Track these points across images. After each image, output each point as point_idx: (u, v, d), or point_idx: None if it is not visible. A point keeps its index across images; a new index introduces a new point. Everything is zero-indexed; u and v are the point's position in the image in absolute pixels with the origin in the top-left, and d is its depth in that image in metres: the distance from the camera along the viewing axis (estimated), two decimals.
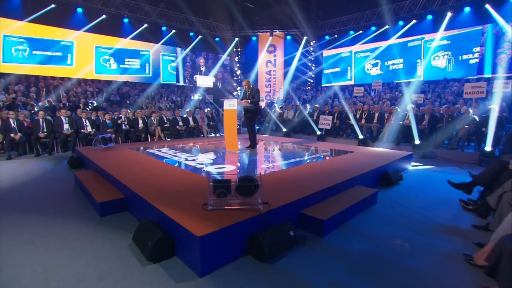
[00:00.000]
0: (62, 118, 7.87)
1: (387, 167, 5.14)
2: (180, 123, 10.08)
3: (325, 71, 18.41)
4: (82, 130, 8.02)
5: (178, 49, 17.19)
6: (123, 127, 8.83)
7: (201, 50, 18.09)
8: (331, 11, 17.62)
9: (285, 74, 18.64)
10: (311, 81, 18.75)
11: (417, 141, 7.53)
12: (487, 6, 12.55)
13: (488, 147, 6.52)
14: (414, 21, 14.68)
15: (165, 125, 9.80)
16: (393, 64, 15.51)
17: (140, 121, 9.19)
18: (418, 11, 14.41)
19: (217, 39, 18.47)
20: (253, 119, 6.41)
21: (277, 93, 18.66)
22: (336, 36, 17.63)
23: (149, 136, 9.39)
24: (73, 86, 13.04)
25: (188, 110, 11.13)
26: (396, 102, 11.75)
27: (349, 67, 17.02)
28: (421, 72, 14.64)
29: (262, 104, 15.22)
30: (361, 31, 16.60)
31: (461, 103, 10.20)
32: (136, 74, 15.94)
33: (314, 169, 4.61)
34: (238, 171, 4.55)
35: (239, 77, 19.28)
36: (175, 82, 17.26)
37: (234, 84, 19.18)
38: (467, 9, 13.24)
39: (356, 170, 4.51)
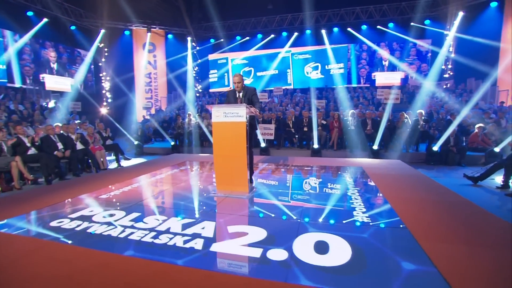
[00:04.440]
0: None
1: None
2: (60, 147, 5.69)
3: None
4: None
5: (7, 33, 10.72)
6: None
7: (49, 39, 12.09)
8: (213, 14, 15.87)
9: (169, 80, 15.33)
10: (199, 86, 16.34)
11: (375, 147, 7.06)
12: (349, 29, 14.42)
13: (436, 148, 6.71)
14: (296, 34, 15.15)
15: (28, 152, 5.23)
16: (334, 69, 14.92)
17: None
18: (299, 25, 14.97)
19: (73, 27, 12.93)
20: (250, 134, 3.88)
21: (160, 100, 15.13)
22: (222, 40, 16.06)
23: None
24: None
25: (64, 124, 6.62)
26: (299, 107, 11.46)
27: (288, 70, 15.48)
28: (291, 80, 15.39)
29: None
30: (248, 37, 15.78)
31: (360, 107, 10.93)
32: None
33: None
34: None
35: (107, 78, 14.34)
36: (6, 83, 10.63)
37: (104, 91, 14.08)
38: (336, 29, 14.80)
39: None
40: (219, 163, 3.54)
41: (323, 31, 14.62)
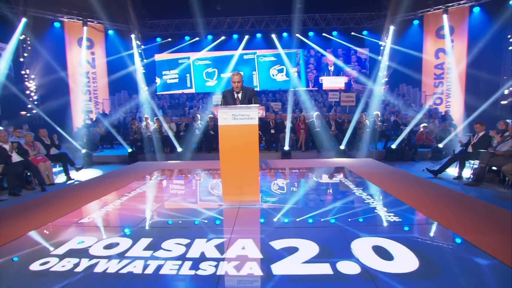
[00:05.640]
0: None
1: None
2: None
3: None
4: None
5: None
6: None
7: None
8: (159, 11, 14.79)
9: (112, 82, 13.67)
10: (146, 87, 14.95)
11: (342, 146, 7.41)
12: (297, 35, 15.02)
13: (394, 145, 7.39)
14: (247, 37, 15.11)
15: None
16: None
17: None
18: (250, 28, 14.98)
19: None
20: None
21: (102, 103, 13.40)
22: (170, 39, 15.08)
23: None
24: None
25: None
26: None
27: (254, 72, 15.27)
28: (257, 83, 15.48)
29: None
30: (197, 38, 15.12)
31: (315, 110, 11.44)
32: None
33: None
34: None
35: (32, 77, 12.01)
36: None
37: (28, 92, 11.74)
38: (285, 34, 15.25)
39: None
40: (226, 170, 3.18)
41: (273, 36, 14.94)
